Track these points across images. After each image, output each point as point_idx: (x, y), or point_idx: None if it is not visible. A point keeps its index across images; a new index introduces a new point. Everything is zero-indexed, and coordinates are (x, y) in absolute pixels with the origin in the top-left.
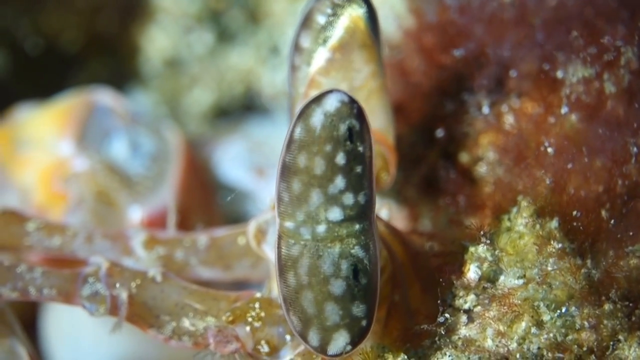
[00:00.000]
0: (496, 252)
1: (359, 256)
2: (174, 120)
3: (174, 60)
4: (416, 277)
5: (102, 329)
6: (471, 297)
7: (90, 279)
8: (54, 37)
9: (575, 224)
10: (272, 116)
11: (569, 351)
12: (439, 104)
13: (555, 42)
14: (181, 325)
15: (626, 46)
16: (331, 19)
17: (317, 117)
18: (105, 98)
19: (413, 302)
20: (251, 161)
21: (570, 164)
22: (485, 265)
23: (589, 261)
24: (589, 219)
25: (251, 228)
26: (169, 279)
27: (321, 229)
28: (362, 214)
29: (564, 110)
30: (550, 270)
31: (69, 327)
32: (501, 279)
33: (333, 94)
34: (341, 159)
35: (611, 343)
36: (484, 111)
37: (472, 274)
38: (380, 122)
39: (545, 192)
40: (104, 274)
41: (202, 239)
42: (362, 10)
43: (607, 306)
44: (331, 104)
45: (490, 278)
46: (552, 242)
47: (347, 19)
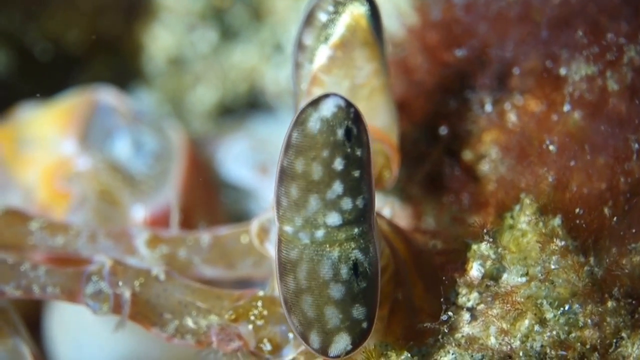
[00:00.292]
0: (499, 250)
1: (359, 259)
2: (177, 118)
3: (178, 59)
4: (419, 275)
5: (106, 328)
6: (474, 295)
7: (93, 278)
8: (57, 38)
9: (578, 221)
10: (276, 114)
11: (572, 349)
12: (442, 101)
13: (559, 39)
14: (184, 323)
15: (629, 44)
16: (333, 16)
17: (313, 122)
18: (108, 97)
19: (416, 300)
20: (254, 159)
21: (573, 162)
22: (488, 263)
23: (592, 259)
24: (591, 216)
25: (254, 226)
26: (172, 278)
27: (320, 233)
28: (361, 217)
29: (567, 108)
30: (553, 268)
31: (73, 326)
32: (504, 276)
33: (330, 98)
34: (339, 164)
35: (614, 340)
36: (487, 109)
37: (475, 271)
38: (383, 121)
39: (548, 190)
40: (107, 272)
41: (205, 237)
42: (364, 8)
43: (610, 304)
44: (328, 108)
45: (493, 276)
46: (555, 239)
47: (349, 16)
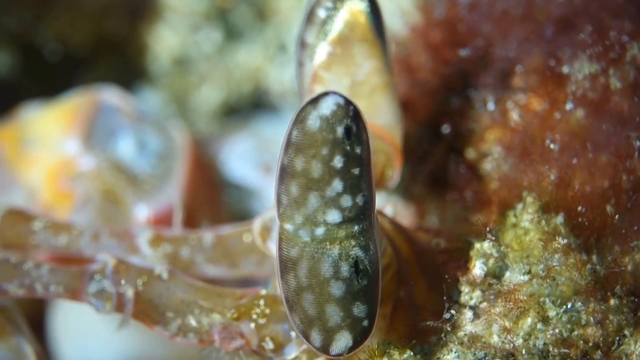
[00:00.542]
0: (502, 248)
1: (359, 257)
2: (182, 118)
3: (182, 59)
4: (421, 274)
5: (109, 327)
6: (477, 293)
7: (96, 276)
8: (63, 39)
9: (580, 219)
10: (281, 114)
11: (575, 347)
12: (445, 100)
13: (562, 38)
14: (187, 322)
15: (632, 42)
16: (331, 12)
17: (313, 120)
18: (112, 97)
19: (419, 298)
20: (258, 159)
21: (575, 160)
22: (491, 261)
23: (594, 257)
24: (594, 214)
25: (256, 225)
26: (175, 276)
27: (320, 231)
28: (361, 215)
29: (570, 106)
30: (556, 266)
31: (76, 325)
32: (507, 275)
33: (329, 96)
34: (338, 161)
35: (617, 338)
36: (489, 107)
37: (478, 270)
38: (385, 119)
39: (550, 188)
40: (110, 271)
41: (207, 236)
42: (363, 5)
43: (613, 301)
44: (327, 106)
45: (495, 274)
46: (558, 237)
47: (347, 12)
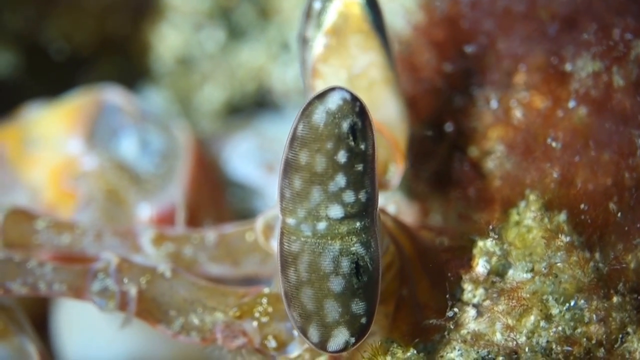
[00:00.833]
0: (505, 246)
1: (360, 253)
2: (185, 117)
3: (185, 58)
4: (424, 272)
5: (113, 326)
6: (480, 291)
7: (100, 275)
8: (65, 38)
9: (583, 217)
10: (284, 113)
11: (578, 344)
12: (448, 98)
13: (565, 36)
14: (189, 320)
15: (636, 40)
16: (326, 4)
17: (319, 115)
18: (114, 96)
19: (421, 296)
20: (261, 157)
21: (578, 158)
22: (494, 259)
23: (597, 254)
24: (597, 212)
25: (259, 224)
26: (178, 275)
27: (322, 226)
28: (364, 211)
29: (572, 104)
30: (559, 263)
31: (80, 324)
32: (510, 272)
33: (336, 91)
34: (342, 156)
35: (620, 336)
36: (492, 105)
37: (481, 268)
38: (385, 115)
39: (553, 186)
40: (113, 269)
41: (210, 235)
42: None
43: (616, 299)
44: (333, 101)
45: (499, 272)
46: (561, 235)
47: (341, 2)
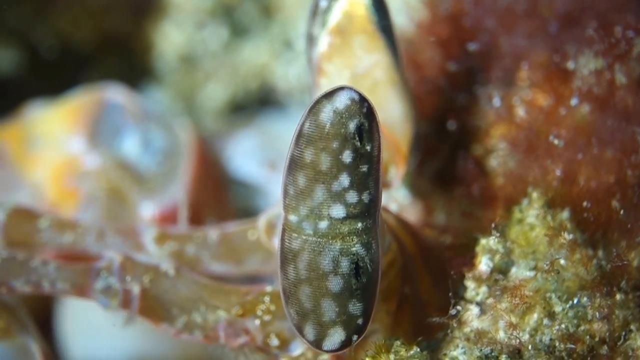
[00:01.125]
0: (508, 243)
1: (360, 254)
2: (189, 116)
3: (188, 56)
4: (426, 270)
5: (117, 324)
6: (483, 289)
7: (103, 273)
8: (67, 36)
9: (586, 214)
10: (287, 111)
11: (581, 342)
12: (451, 96)
13: (567, 33)
14: (192, 319)
15: (637, 37)
16: (331, 3)
17: (326, 114)
18: (116, 95)
19: (424, 294)
20: (263, 155)
21: (581, 155)
22: (497, 257)
23: (600, 252)
24: (599, 209)
25: (261, 222)
26: (181, 274)
27: (323, 225)
28: (366, 212)
29: (575, 102)
30: (562, 261)
31: (83, 323)
32: (513, 270)
33: (344, 91)
34: (347, 156)
35: (623, 333)
36: (495, 103)
37: (484, 266)
38: (388, 116)
39: (555, 184)
40: (117, 267)
41: (213, 234)
42: None
43: (619, 296)
44: (341, 101)
45: (502, 270)
46: (564, 233)
47: (346, 2)
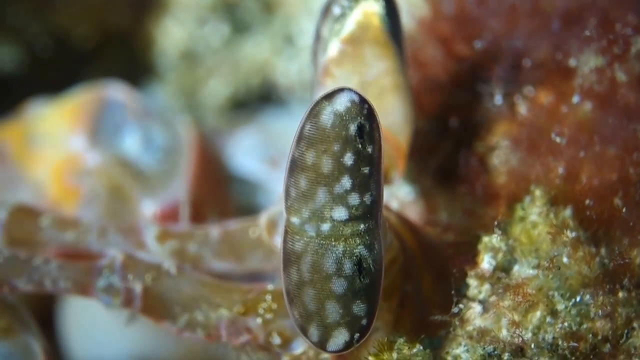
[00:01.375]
0: (510, 241)
1: (363, 256)
2: (190, 112)
3: (190, 53)
4: (428, 268)
5: (119, 323)
6: (485, 287)
7: (105, 272)
8: (66, 34)
9: (588, 212)
10: (288, 107)
11: (584, 340)
12: (454, 94)
13: (569, 31)
14: (194, 317)
15: (637, 35)
16: (345, 11)
17: (326, 116)
18: (117, 93)
19: (425, 292)
20: (264, 153)
21: (583, 153)
22: (500, 255)
23: (602, 249)
24: (602, 207)
25: (263, 220)
26: (183, 272)
27: (326, 227)
28: (368, 214)
29: (577, 99)
30: (565, 259)
31: (85, 322)
32: (515, 268)
33: (344, 92)
34: (349, 159)
35: (625, 331)
36: (497, 101)
37: (487, 264)
38: (391, 121)
39: (558, 181)
40: (119, 266)
41: (214, 231)
42: (378, 7)
43: (622, 294)
44: (341, 102)
45: (504, 268)
46: (566, 230)
47: (361, 13)
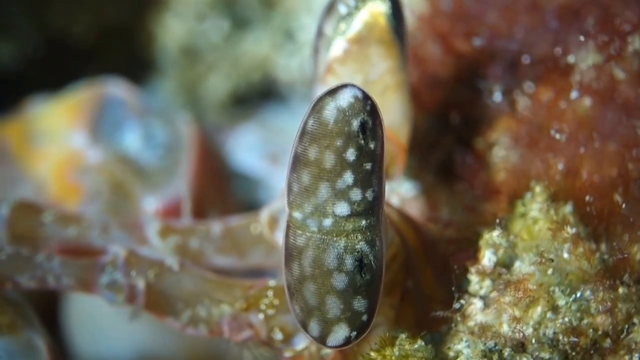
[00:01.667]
0: (511, 237)
1: (364, 251)
2: (191, 108)
3: (190, 49)
4: (429, 264)
5: (122, 319)
6: (487, 283)
7: (108, 268)
8: (66, 30)
9: (589, 208)
10: (289, 103)
11: (585, 335)
12: (454, 90)
13: (568, 27)
14: (197, 313)
15: (635, 32)
16: (352, 11)
17: (330, 111)
18: (117, 89)
19: (427, 288)
20: (265, 149)
21: (583, 149)
22: (501, 251)
23: (603, 245)
24: (602, 203)
25: (264, 216)
26: (186, 268)
27: (328, 222)
28: (370, 210)
29: (576, 95)
30: (565, 255)
31: (89, 318)
32: (516, 264)
33: (348, 88)
34: (351, 154)
35: (626, 326)
36: (497, 97)
37: (487, 260)
38: (394, 119)
39: (558, 178)
40: (122, 262)
41: (216, 227)
42: (384, 7)
43: (622, 290)
44: (344, 98)
45: (505, 264)
46: (567, 227)
47: (368, 13)
